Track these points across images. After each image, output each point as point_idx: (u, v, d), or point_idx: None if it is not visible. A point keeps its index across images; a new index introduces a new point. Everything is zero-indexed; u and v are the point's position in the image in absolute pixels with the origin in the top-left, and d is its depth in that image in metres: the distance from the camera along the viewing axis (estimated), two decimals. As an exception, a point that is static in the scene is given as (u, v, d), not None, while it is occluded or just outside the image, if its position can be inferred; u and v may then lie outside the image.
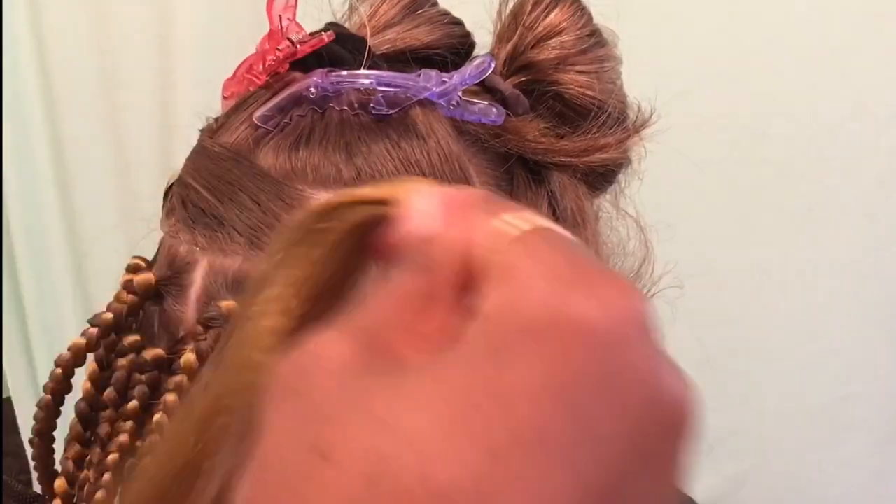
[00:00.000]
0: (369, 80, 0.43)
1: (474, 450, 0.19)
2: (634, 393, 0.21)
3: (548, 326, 0.20)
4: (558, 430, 0.20)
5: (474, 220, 0.24)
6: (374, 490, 0.19)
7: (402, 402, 0.20)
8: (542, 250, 0.22)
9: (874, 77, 1.15)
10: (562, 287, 0.21)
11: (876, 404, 1.26)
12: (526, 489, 0.19)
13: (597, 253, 0.47)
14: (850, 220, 1.20)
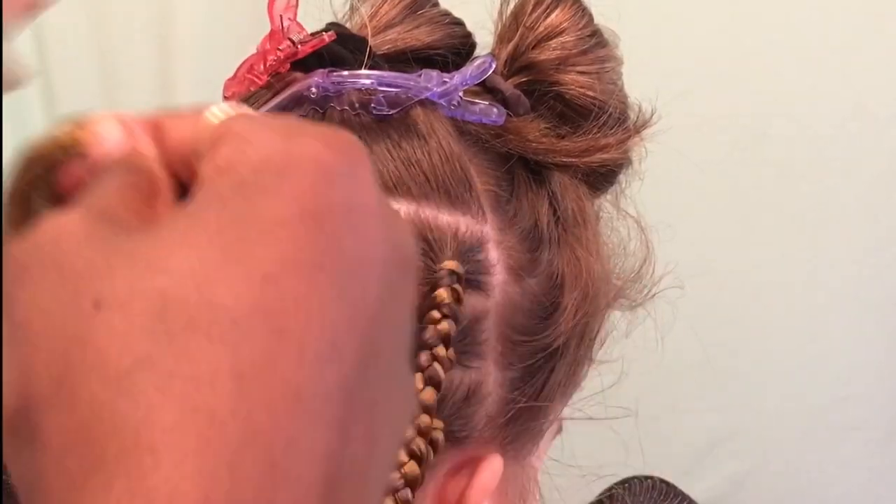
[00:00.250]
0: (370, 81, 0.43)
1: (250, 275, 0.21)
2: (375, 225, 0.24)
3: (286, 164, 0.23)
4: (320, 253, 0.22)
5: (165, 124, 0.27)
6: (163, 322, 0.20)
7: (167, 248, 0.21)
8: (251, 118, 0.25)
9: (875, 78, 1.15)
10: (284, 133, 0.24)
11: (876, 404, 1.26)
12: (304, 306, 0.21)
13: (597, 253, 0.47)
14: (850, 220, 1.20)
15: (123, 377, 0.20)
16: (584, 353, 0.47)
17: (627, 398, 0.52)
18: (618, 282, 0.50)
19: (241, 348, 0.20)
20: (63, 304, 0.21)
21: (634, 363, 0.53)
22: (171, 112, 0.28)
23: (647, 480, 0.77)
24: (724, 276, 1.17)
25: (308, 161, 0.23)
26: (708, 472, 1.25)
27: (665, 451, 1.20)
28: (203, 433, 0.19)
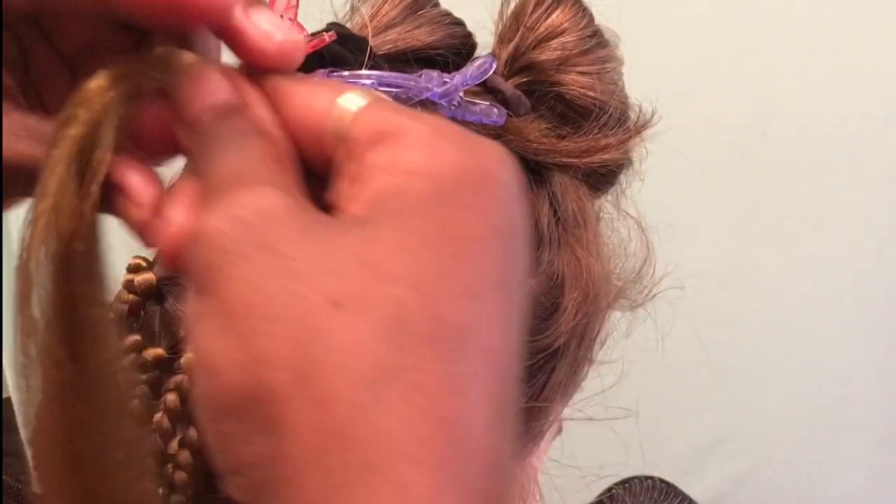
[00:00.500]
0: (371, 81, 0.43)
1: (461, 292, 0.23)
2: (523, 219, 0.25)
3: (478, 180, 0.24)
4: (506, 271, 0.24)
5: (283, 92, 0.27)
6: (400, 333, 0.22)
7: (388, 253, 0.22)
8: (414, 116, 0.26)
9: (875, 77, 1.15)
10: (464, 146, 0.25)
11: (876, 404, 1.26)
12: (501, 324, 0.23)
13: (598, 254, 0.47)
14: (850, 220, 1.20)
15: (374, 384, 0.21)
16: (585, 353, 0.47)
17: (628, 398, 0.52)
18: (618, 282, 0.50)
19: (461, 363, 0.22)
20: (296, 297, 0.22)
21: (635, 364, 0.53)
22: (284, 79, 0.28)
23: (648, 480, 0.77)
24: (724, 276, 1.17)
25: (494, 179, 0.25)
26: (708, 472, 1.25)
27: (665, 451, 1.20)
28: (452, 444, 0.21)
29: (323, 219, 0.24)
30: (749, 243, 1.20)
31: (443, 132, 0.25)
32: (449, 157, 0.24)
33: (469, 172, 0.24)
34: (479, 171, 0.24)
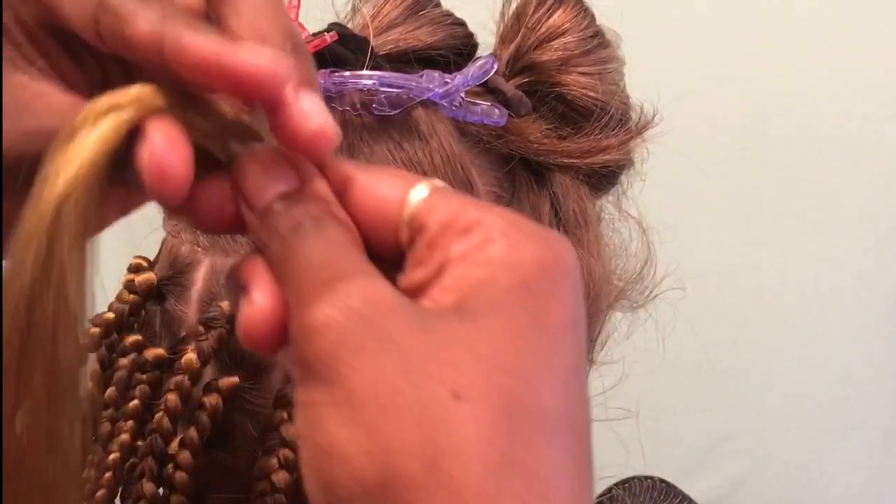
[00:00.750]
0: (372, 81, 0.43)
1: (558, 382, 0.24)
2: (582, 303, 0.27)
3: (556, 273, 0.26)
4: (582, 357, 0.26)
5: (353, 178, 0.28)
6: (515, 421, 0.23)
7: (495, 345, 0.24)
8: (493, 210, 0.27)
9: (875, 77, 1.15)
10: (540, 238, 0.26)
11: (876, 404, 1.26)
12: (582, 407, 0.25)
13: (599, 254, 0.47)
14: (850, 220, 1.20)
15: (498, 472, 0.23)
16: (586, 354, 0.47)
17: (628, 399, 0.52)
18: (619, 283, 0.50)
19: (565, 448, 0.24)
20: (418, 388, 0.23)
21: (635, 364, 0.53)
22: (353, 166, 0.29)
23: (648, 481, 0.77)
24: (725, 277, 1.17)
25: (567, 270, 0.26)
26: (708, 473, 1.25)
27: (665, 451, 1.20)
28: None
29: (423, 308, 0.25)
30: (749, 243, 1.20)
31: (517, 224, 0.27)
32: (529, 250, 0.26)
33: (548, 264, 0.26)
34: (555, 263, 0.26)
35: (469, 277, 0.25)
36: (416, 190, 0.28)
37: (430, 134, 0.42)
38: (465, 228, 0.26)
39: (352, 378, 0.23)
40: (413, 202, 0.27)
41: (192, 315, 0.42)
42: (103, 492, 0.41)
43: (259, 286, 0.27)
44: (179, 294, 0.42)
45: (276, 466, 0.38)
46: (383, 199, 0.28)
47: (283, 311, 0.26)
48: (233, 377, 0.40)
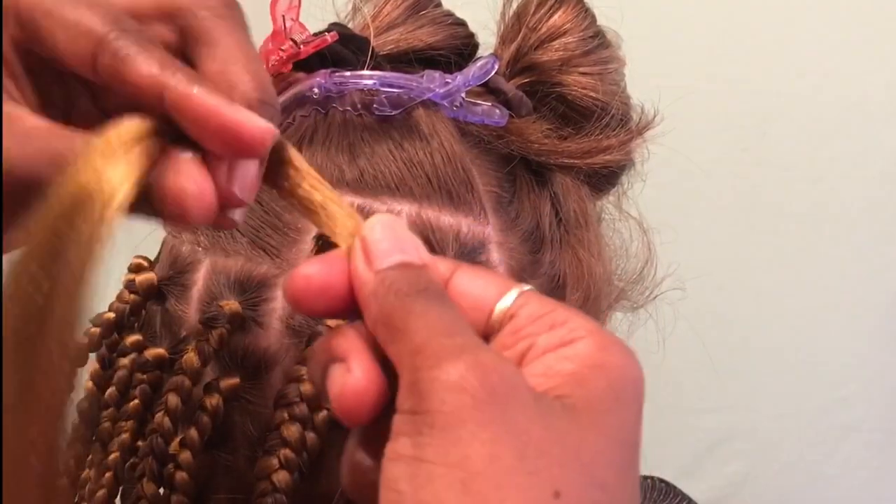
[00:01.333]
0: (372, 81, 0.43)
1: (627, 498, 0.26)
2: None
3: (638, 384, 0.27)
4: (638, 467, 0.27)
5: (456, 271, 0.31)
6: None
7: (595, 454, 0.25)
8: (567, 308, 0.29)
9: (875, 77, 1.15)
10: (625, 350, 0.28)
11: (876, 404, 1.26)
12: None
13: (599, 255, 0.47)
14: (850, 220, 1.20)
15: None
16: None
17: (628, 399, 0.52)
18: (619, 283, 0.50)
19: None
20: (528, 475, 0.24)
21: (635, 364, 0.53)
22: (450, 262, 0.31)
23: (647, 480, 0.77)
24: (724, 276, 1.17)
25: (642, 383, 0.28)
26: (708, 472, 1.25)
27: (665, 451, 1.20)
28: None
29: (539, 394, 0.26)
30: (749, 243, 1.20)
31: (601, 329, 0.28)
32: (615, 355, 0.27)
33: (631, 374, 0.27)
34: (636, 374, 0.27)
35: (559, 369, 0.27)
36: (511, 292, 0.29)
37: (430, 134, 0.42)
38: (552, 323, 0.28)
39: (473, 445, 0.24)
40: (507, 300, 0.29)
41: (192, 315, 0.42)
42: (104, 492, 0.41)
43: (358, 358, 0.28)
44: (180, 294, 0.42)
45: (276, 466, 0.38)
46: (479, 297, 0.29)
47: (381, 384, 0.28)
48: (233, 377, 0.40)
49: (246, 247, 0.41)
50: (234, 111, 0.28)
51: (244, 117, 0.28)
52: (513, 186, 0.45)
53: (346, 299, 0.30)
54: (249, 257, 0.41)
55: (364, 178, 0.41)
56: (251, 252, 0.41)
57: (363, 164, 0.41)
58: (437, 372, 0.25)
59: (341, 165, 0.41)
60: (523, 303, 0.29)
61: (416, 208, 0.41)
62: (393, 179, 0.41)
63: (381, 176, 0.41)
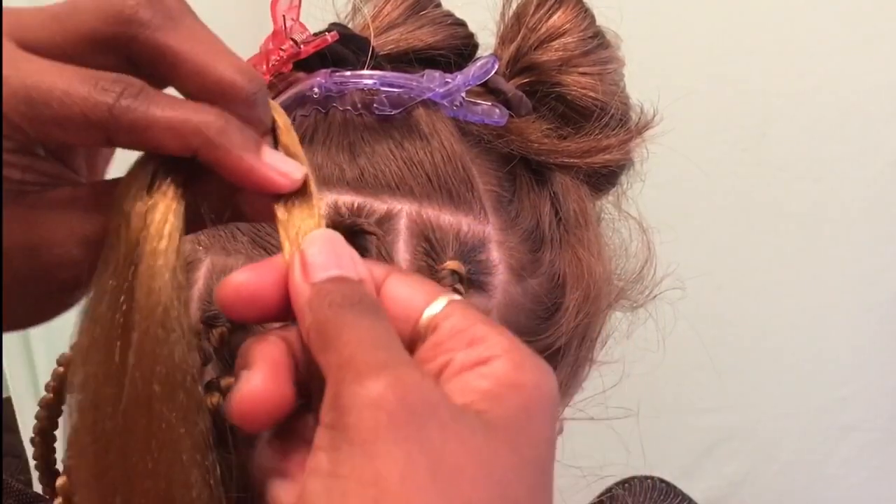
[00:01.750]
0: (373, 81, 0.43)
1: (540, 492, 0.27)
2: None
3: (552, 401, 0.28)
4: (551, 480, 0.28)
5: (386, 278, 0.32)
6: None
7: (506, 470, 0.26)
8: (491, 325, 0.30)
9: (875, 77, 1.15)
10: (539, 367, 0.29)
11: (876, 404, 1.26)
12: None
13: (599, 254, 0.47)
14: (850, 220, 1.20)
15: None
16: (586, 353, 0.47)
17: (628, 399, 0.52)
18: (619, 283, 0.50)
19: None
20: (440, 493, 0.25)
21: (635, 364, 0.54)
22: (393, 272, 0.32)
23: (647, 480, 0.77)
24: (724, 276, 1.17)
25: (555, 400, 0.29)
26: (708, 472, 1.26)
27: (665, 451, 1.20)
28: None
29: (458, 409, 0.27)
30: (749, 243, 1.20)
31: (518, 347, 0.29)
32: (529, 374, 0.28)
33: (545, 393, 0.28)
34: (550, 394, 0.28)
35: (476, 387, 0.28)
36: (440, 300, 0.30)
37: (430, 133, 0.42)
38: (471, 339, 0.28)
39: (386, 463, 0.24)
40: (435, 308, 0.30)
41: (193, 314, 0.42)
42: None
43: (263, 367, 0.29)
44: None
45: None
46: (408, 301, 0.30)
47: (283, 394, 0.29)
48: (234, 376, 0.40)
49: (247, 245, 0.41)
50: (265, 170, 0.31)
51: (274, 173, 0.31)
52: (513, 186, 0.45)
53: (277, 307, 0.31)
54: (250, 256, 0.41)
55: (364, 177, 0.41)
56: (252, 251, 0.41)
57: (363, 163, 0.41)
58: (357, 387, 0.26)
59: (341, 165, 0.41)
60: (448, 314, 0.30)
61: (416, 207, 0.41)
62: (393, 178, 0.41)
63: (381, 175, 0.41)
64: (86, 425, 0.29)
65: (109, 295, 0.29)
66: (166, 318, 0.29)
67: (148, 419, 0.29)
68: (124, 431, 0.28)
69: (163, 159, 0.31)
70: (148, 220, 0.29)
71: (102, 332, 0.29)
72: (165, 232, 0.29)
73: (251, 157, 0.30)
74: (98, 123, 0.28)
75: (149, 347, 0.29)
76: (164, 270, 0.29)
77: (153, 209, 0.30)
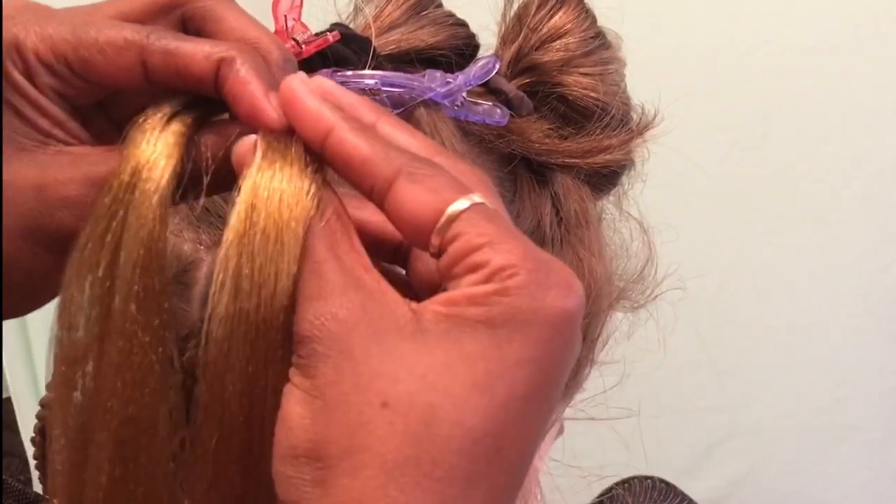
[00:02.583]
0: (374, 81, 0.43)
1: (492, 408, 0.28)
2: (577, 345, 0.31)
3: (536, 317, 0.29)
4: (539, 389, 0.29)
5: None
6: (428, 430, 0.27)
7: (435, 365, 0.28)
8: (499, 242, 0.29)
9: (874, 77, 1.15)
10: (544, 286, 0.29)
11: (876, 404, 1.26)
12: (519, 437, 0.28)
13: (600, 254, 0.47)
14: (850, 220, 1.20)
15: (396, 469, 0.27)
16: (587, 353, 0.47)
17: (629, 399, 0.52)
18: (620, 283, 0.50)
19: (473, 460, 0.28)
20: (360, 394, 0.28)
21: (636, 364, 0.54)
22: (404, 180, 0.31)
23: (648, 480, 0.77)
24: (724, 276, 1.17)
25: (554, 315, 0.29)
26: (708, 473, 1.26)
27: (665, 451, 1.20)
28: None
29: (384, 327, 0.29)
30: (749, 244, 1.20)
31: (523, 263, 0.29)
32: (516, 299, 0.28)
33: (525, 308, 0.28)
34: (539, 308, 0.28)
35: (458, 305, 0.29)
36: (456, 204, 0.30)
37: (432, 133, 0.42)
38: (474, 265, 0.29)
39: (319, 378, 0.29)
40: (459, 206, 0.30)
41: (194, 313, 0.42)
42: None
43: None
44: (182, 292, 0.42)
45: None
46: (423, 203, 0.30)
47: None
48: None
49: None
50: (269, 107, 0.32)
51: (265, 108, 0.32)
52: (514, 186, 0.45)
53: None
54: None
55: None
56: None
57: None
58: (306, 315, 0.29)
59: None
60: (460, 230, 0.29)
61: None
62: None
63: None
64: (62, 348, 0.31)
65: (104, 216, 0.31)
66: (150, 241, 0.31)
67: (123, 340, 0.31)
68: (98, 354, 0.31)
69: (178, 100, 0.33)
70: (150, 151, 0.31)
71: (93, 249, 0.31)
72: (161, 164, 0.31)
73: (262, 86, 0.32)
74: (135, 45, 0.32)
75: (130, 270, 0.31)
76: (154, 195, 0.31)
77: (158, 140, 0.31)
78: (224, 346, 0.30)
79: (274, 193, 0.30)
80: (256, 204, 0.30)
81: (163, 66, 0.32)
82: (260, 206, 0.30)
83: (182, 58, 0.32)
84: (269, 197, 0.30)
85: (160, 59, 0.32)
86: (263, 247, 0.30)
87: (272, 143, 0.32)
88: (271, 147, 0.31)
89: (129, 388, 0.31)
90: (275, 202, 0.30)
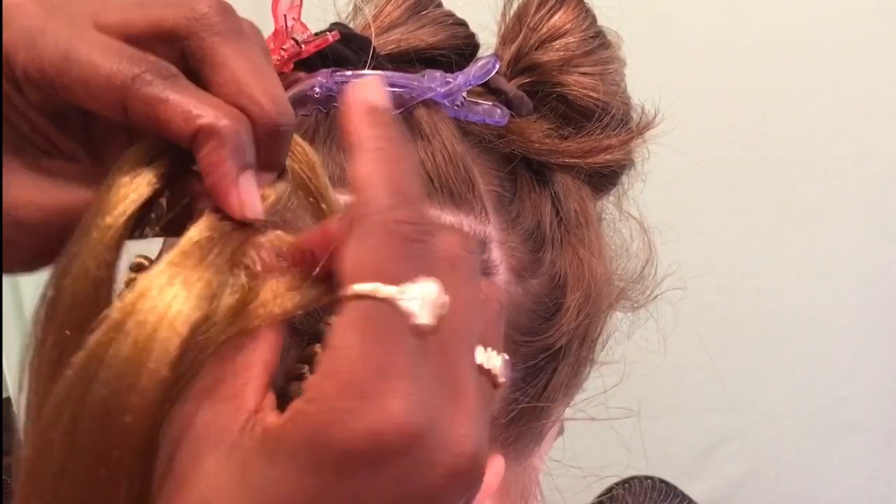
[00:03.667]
0: (373, 81, 0.43)
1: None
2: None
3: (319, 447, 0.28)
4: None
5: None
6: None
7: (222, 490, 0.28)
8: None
9: (874, 77, 1.15)
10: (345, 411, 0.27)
11: (876, 404, 1.26)
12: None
13: (600, 254, 0.47)
14: (850, 220, 1.20)
15: None
16: (587, 353, 0.47)
17: (629, 399, 0.52)
18: (620, 283, 0.50)
19: None
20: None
21: (636, 364, 0.53)
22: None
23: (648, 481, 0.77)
24: (725, 276, 1.17)
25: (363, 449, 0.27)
26: (708, 473, 1.26)
27: (666, 451, 1.20)
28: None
29: (233, 446, 0.28)
30: (750, 243, 1.20)
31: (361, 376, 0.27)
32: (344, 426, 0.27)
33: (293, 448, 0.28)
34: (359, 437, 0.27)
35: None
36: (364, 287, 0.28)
37: (432, 133, 0.42)
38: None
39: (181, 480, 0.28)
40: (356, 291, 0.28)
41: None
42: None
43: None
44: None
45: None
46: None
47: None
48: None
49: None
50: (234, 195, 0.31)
51: (235, 196, 0.31)
52: (514, 186, 0.45)
53: None
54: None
55: None
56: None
57: None
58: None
59: (342, 164, 0.41)
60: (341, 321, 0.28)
61: None
62: None
63: None
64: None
65: (66, 258, 0.30)
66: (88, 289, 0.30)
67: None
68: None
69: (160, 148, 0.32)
70: (112, 196, 0.30)
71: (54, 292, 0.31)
72: (118, 210, 0.30)
73: (234, 169, 0.30)
74: (118, 88, 0.30)
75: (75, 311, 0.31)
76: (98, 244, 0.30)
77: (124, 186, 0.31)
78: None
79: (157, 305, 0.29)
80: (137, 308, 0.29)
81: (143, 115, 0.30)
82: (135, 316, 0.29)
83: (162, 112, 0.30)
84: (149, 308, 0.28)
85: (141, 108, 0.30)
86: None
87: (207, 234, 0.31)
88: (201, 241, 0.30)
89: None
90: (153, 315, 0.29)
